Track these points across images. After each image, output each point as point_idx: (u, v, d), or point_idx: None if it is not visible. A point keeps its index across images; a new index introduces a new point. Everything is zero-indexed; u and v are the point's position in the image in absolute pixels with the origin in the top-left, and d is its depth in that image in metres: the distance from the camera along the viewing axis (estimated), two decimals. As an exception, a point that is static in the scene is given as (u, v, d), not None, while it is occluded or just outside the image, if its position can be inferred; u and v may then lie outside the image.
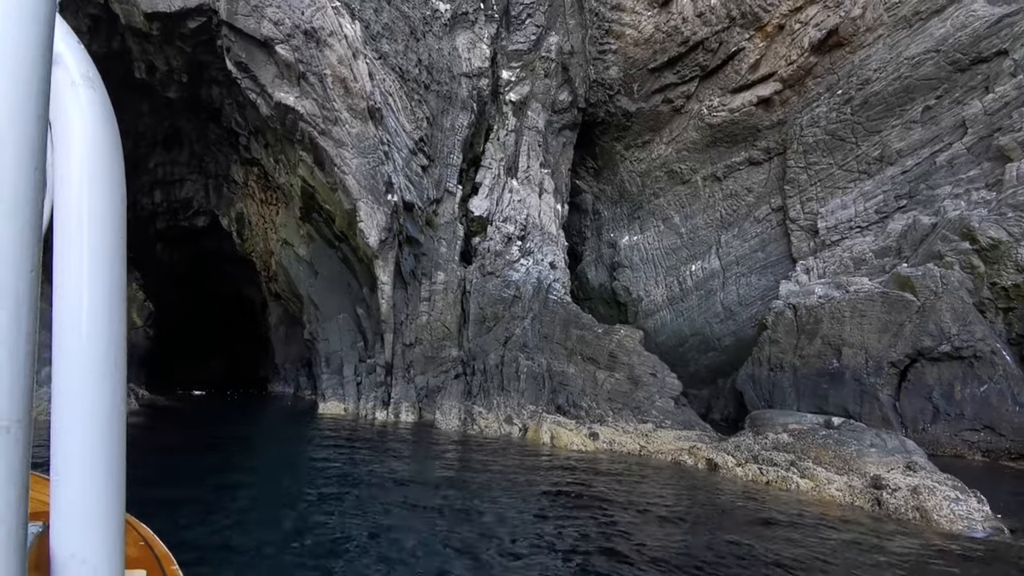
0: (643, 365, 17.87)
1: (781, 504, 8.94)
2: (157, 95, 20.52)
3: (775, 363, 21.84)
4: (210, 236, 27.42)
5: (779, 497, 9.41)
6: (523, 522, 7.67)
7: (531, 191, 24.45)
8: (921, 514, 8.38)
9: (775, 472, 10.28)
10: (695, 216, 27.32)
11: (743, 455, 11.40)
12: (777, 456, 10.73)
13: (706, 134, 26.01)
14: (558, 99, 26.50)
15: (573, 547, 6.71)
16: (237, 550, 6.07)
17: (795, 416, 13.37)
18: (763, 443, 11.48)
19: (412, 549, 6.28)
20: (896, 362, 18.71)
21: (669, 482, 10.52)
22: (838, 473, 9.79)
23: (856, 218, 22.49)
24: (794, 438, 11.07)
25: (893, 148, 22.32)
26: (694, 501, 9.20)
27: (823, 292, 21.48)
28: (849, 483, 9.43)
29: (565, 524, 7.61)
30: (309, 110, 17.06)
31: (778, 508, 8.70)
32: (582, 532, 7.30)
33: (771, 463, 10.67)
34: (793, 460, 10.49)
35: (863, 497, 8.96)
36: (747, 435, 12.31)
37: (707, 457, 11.77)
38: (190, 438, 13.16)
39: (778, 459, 10.63)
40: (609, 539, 7.02)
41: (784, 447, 11.03)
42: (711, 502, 9.11)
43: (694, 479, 10.72)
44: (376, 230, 17.77)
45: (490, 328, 19.85)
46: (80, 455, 1.14)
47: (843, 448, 10.00)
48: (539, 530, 7.30)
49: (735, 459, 11.36)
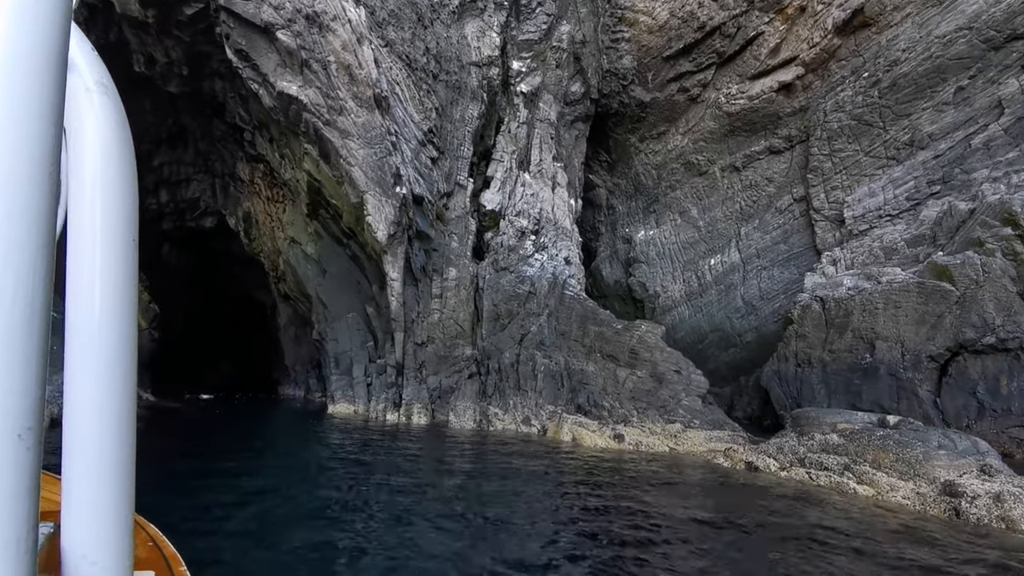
0: (666, 362, 16.70)
1: (840, 514, 7.76)
2: (159, 90, 19.71)
3: (802, 359, 20.57)
4: (218, 237, 26.62)
5: (835, 504, 8.23)
6: (559, 528, 6.58)
7: (544, 185, 23.37)
8: (1007, 524, 7.19)
9: (827, 477, 9.10)
10: (713, 208, 26.09)
11: (787, 458, 10.22)
12: (827, 459, 9.55)
13: (724, 123, 24.80)
14: (570, 90, 25.42)
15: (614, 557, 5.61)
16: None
17: (844, 415, 12.15)
18: (809, 445, 10.29)
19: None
20: (936, 356, 17.39)
21: (708, 488, 9.36)
22: (902, 478, 8.59)
23: (885, 206, 21.18)
24: (846, 439, 9.87)
25: (924, 132, 21.00)
26: (740, 509, 8.04)
27: (852, 284, 20.18)
28: (917, 490, 8.23)
29: (603, 534, 6.51)
30: (313, 99, 16.11)
31: (839, 519, 7.53)
32: (621, 542, 6.20)
33: (821, 467, 9.49)
34: (847, 464, 9.31)
35: (937, 506, 7.77)
36: (789, 436, 11.12)
37: (745, 460, 10.61)
38: (178, 445, 12.18)
39: (829, 463, 9.45)
40: (652, 553, 5.91)
41: (835, 449, 9.83)
42: (760, 512, 7.95)
43: (733, 485, 9.56)
44: (384, 224, 16.77)
45: (504, 326, 18.77)
46: (91, 457, 1.15)
47: (906, 450, 8.79)
48: (581, 531, 6.21)
49: (778, 462, 10.19)
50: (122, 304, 1.16)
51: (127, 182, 1.21)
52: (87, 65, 1.18)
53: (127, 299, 1.17)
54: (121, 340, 1.15)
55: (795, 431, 11.58)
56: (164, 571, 1.86)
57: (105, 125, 1.17)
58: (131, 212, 1.20)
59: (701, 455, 11.70)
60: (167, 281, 25.70)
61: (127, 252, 1.18)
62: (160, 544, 2.09)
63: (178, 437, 12.77)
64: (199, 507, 6.86)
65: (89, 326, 1.13)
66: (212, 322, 32.47)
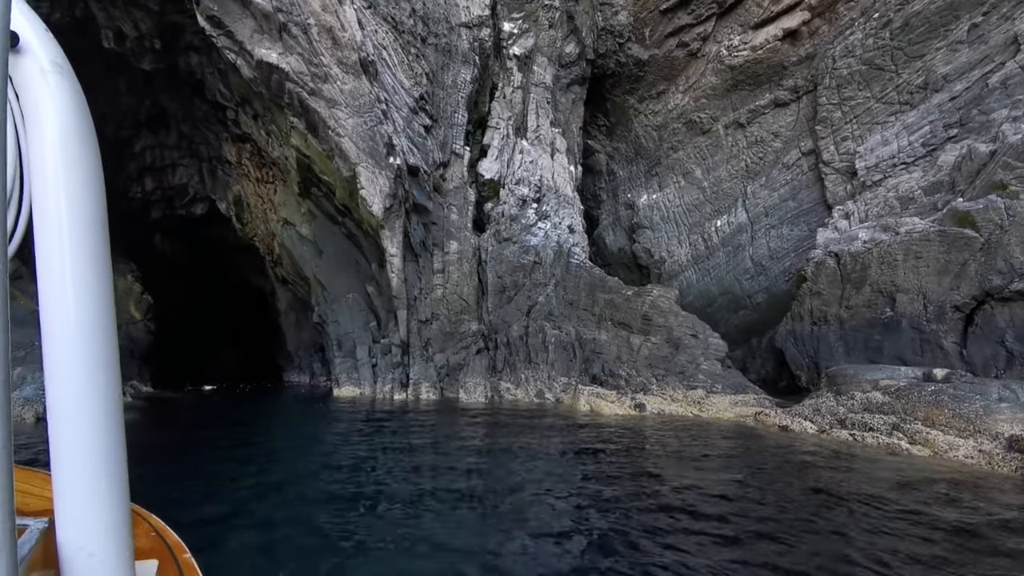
0: (682, 326, 15.82)
1: (907, 477, 6.92)
2: (133, 69, 18.46)
3: (818, 316, 19.70)
4: (210, 224, 25.55)
5: (887, 464, 7.40)
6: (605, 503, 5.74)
7: (543, 152, 22.22)
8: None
9: (874, 438, 8.26)
10: (718, 168, 24.96)
11: (825, 419, 9.38)
12: (872, 419, 8.70)
13: (726, 78, 23.52)
14: (564, 51, 24.07)
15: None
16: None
17: (886, 370, 11.28)
18: (849, 404, 9.45)
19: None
20: (960, 305, 16.51)
21: (748, 456, 8.52)
22: (960, 436, 7.74)
23: (900, 154, 20.08)
24: (891, 397, 9.01)
25: (938, 73, 19.79)
26: (801, 478, 7.20)
27: (868, 236, 19.20)
28: (979, 447, 7.39)
29: (654, 512, 5.67)
30: (295, 67, 14.92)
31: (900, 480, 6.69)
32: (685, 530, 5.35)
33: (866, 427, 8.65)
34: (895, 423, 8.46)
35: (1007, 464, 6.93)
36: (825, 396, 10.27)
37: (779, 423, 9.77)
38: (172, 437, 11.34)
39: (875, 423, 8.61)
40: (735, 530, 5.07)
41: (879, 408, 8.98)
42: (827, 482, 7.11)
43: (774, 450, 8.72)
44: (380, 197, 15.72)
45: (511, 298, 17.85)
46: (78, 449, 1.11)
47: (963, 405, 7.94)
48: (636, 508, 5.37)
49: (815, 424, 9.36)
50: (97, 291, 1.11)
51: (91, 165, 1.14)
52: (40, 45, 1.12)
53: (101, 285, 1.13)
54: (99, 326, 1.11)
55: (831, 390, 10.74)
56: (168, 560, 1.81)
57: (63, 106, 1.11)
58: (97, 194, 1.14)
59: (729, 421, 10.87)
60: (162, 272, 24.72)
61: (97, 239, 1.13)
62: (163, 533, 2.04)
63: (165, 434, 11.79)
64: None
65: (64, 315, 1.08)
66: (212, 312, 31.56)
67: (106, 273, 1.13)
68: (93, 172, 1.13)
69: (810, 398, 10.74)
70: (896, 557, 4.50)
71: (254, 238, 23.36)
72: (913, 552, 4.61)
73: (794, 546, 4.84)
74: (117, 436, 1.13)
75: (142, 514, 2.19)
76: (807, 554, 4.66)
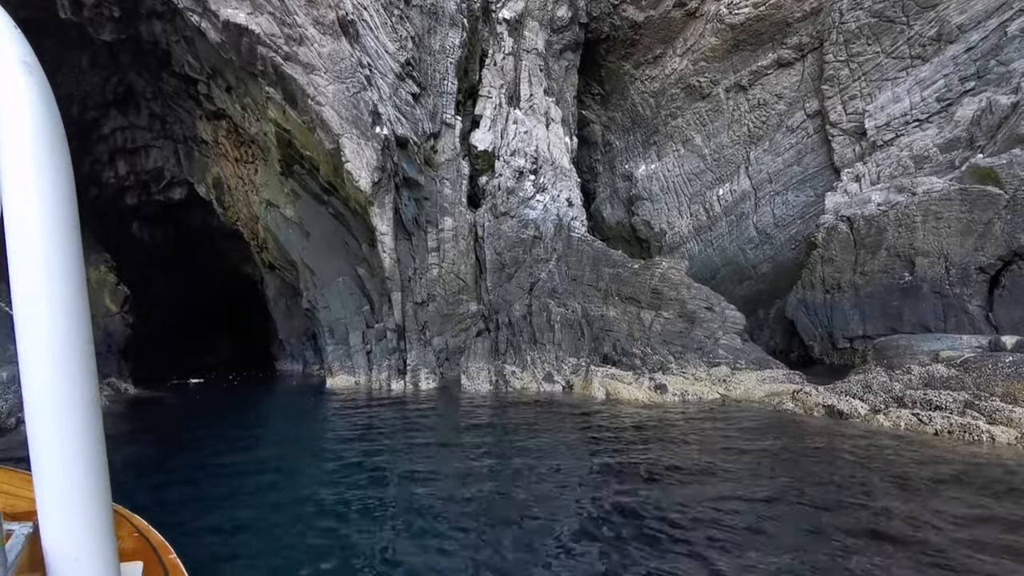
0: (695, 299, 14.51)
1: (990, 465, 5.66)
2: (95, 43, 16.61)
3: (831, 284, 18.47)
4: (192, 210, 23.82)
5: (968, 453, 6.14)
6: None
7: (537, 122, 20.59)
8: None
9: (944, 419, 6.98)
10: (719, 134, 23.46)
11: (878, 398, 8.11)
12: (939, 396, 7.43)
13: (727, 38, 21.89)
14: (556, 15, 22.31)
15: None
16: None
17: (945, 339, 10.04)
18: (906, 380, 8.18)
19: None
20: (986, 267, 15.29)
21: (802, 443, 7.24)
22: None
23: (913, 110, 18.67)
24: (958, 370, 7.75)
25: (952, 23, 18.30)
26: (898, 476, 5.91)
27: (883, 199, 17.89)
28: (1080, 426, 6.11)
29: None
30: (266, 29, 13.19)
31: (991, 471, 5.42)
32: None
33: (931, 406, 7.38)
34: (968, 400, 7.20)
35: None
36: (875, 371, 9.01)
37: (823, 403, 8.48)
38: (146, 442, 9.93)
39: (942, 400, 7.34)
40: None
41: (945, 383, 7.72)
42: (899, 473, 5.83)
43: (827, 435, 7.44)
44: (367, 171, 14.15)
45: (511, 275, 16.44)
46: (58, 452, 1.07)
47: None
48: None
49: (867, 404, 8.08)
50: (70, 291, 1.09)
51: (61, 164, 1.12)
52: (9, 43, 1.10)
53: (75, 285, 1.10)
54: (73, 327, 1.08)
55: (880, 364, 9.48)
56: (153, 560, 1.76)
57: (33, 107, 1.08)
58: (67, 191, 1.11)
59: (762, 401, 9.60)
60: (142, 262, 23.03)
61: (70, 238, 1.10)
62: (146, 534, 1.98)
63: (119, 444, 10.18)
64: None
65: (38, 314, 1.05)
66: (200, 302, 29.92)
67: (79, 271, 1.10)
68: (63, 170, 1.11)
69: (856, 373, 9.48)
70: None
71: (237, 222, 21.70)
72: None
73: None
74: (96, 436, 1.11)
75: (125, 515, 2.11)
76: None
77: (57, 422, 1.05)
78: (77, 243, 1.09)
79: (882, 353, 10.22)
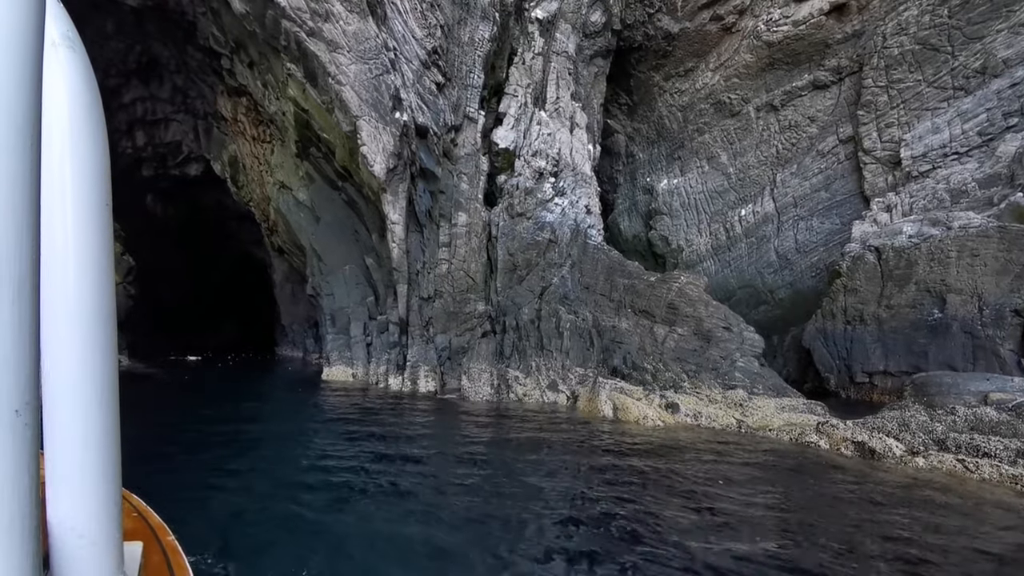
0: (712, 317, 13.67)
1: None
2: (122, 9, 16.23)
3: (853, 315, 17.54)
4: (208, 188, 23.39)
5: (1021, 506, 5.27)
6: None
7: (561, 125, 19.92)
8: None
9: (993, 467, 6.13)
10: (746, 153, 22.65)
11: (917, 438, 7.24)
12: (987, 443, 6.57)
13: (762, 55, 21.13)
14: (590, 20, 21.69)
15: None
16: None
17: (994, 380, 9.14)
18: (949, 421, 7.32)
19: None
20: (1021, 309, 14.34)
21: (834, 488, 6.40)
22: None
23: (952, 143, 17.77)
24: (1010, 415, 6.89)
25: (999, 57, 17.42)
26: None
27: (915, 231, 16.98)
28: None
29: None
30: (292, 2, 12.65)
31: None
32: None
33: (978, 452, 6.51)
34: (1020, 449, 6.31)
35: None
36: (913, 409, 8.14)
37: (853, 439, 7.63)
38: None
39: (991, 447, 6.47)
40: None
41: (994, 428, 6.87)
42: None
43: (864, 478, 6.58)
44: (382, 155, 13.52)
45: (522, 278, 15.70)
46: (74, 430, 1.05)
47: None
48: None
49: (903, 444, 7.21)
50: (98, 271, 1.08)
51: (98, 142, 1.10)
52: (52, 18, 1.06)
53: (104, 265, 1.09)
54: (99, 307, 1.06)
55: (920, 402, 8.61)
56: (152, 541, 1.73)
57: (73, 80, 1.07)
58: (102, 169, 1.10)
59: (781, 431, 8.74)
60: (152, 235, 22.60)
61: (101, 217, 1.09)
62: (145, 515, 1.96)
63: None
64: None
65: (64, 292, 1.03)
66: (209, 281, 29.47)
67: (108, 251, 1.08)
68: (100, 151, 1.09)
69: (891, 409, 8.60)
70: None
71: (249, 203, 21.20)
72: None
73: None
74: (112, 416, 1.08)
75: (124, 494, 1.87)
76: None
77: (75, 398, 1.02)
78: (109, 224, 1.08)
79: (922, 390, 9.34)
